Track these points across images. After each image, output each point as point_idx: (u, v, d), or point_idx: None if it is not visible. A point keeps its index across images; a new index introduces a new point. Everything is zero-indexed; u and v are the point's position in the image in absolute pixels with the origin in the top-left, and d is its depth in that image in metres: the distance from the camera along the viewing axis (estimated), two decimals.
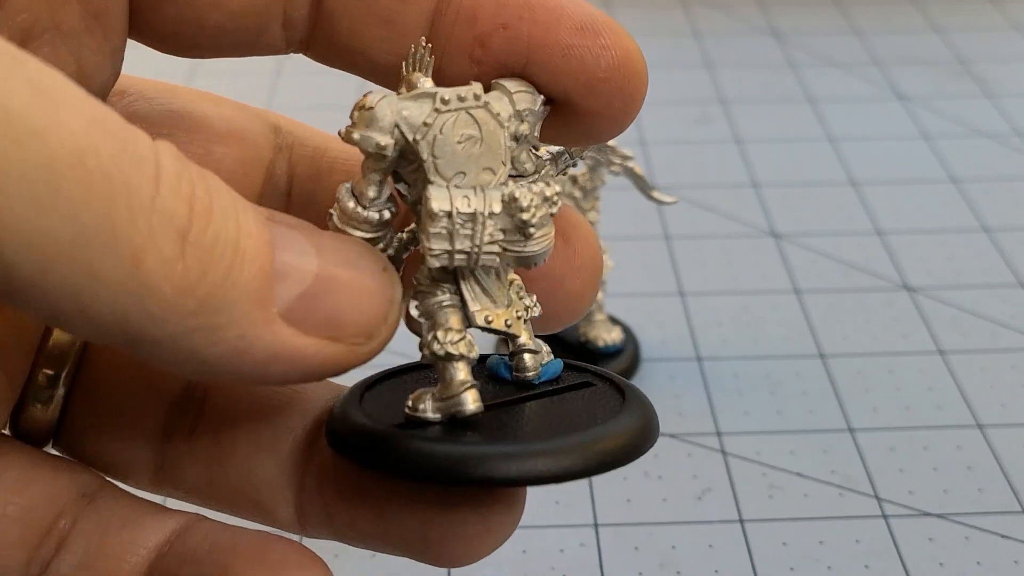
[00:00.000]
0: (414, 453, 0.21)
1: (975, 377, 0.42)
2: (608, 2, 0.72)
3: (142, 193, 0.18)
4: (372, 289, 0.21)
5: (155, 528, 0.24)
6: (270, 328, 0.20)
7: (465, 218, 0.21)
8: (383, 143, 0.21)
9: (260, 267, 0.19)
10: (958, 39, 0.67)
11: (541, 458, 0.21)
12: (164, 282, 0.18)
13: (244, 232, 0.19)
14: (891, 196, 0.53)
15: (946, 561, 0.35)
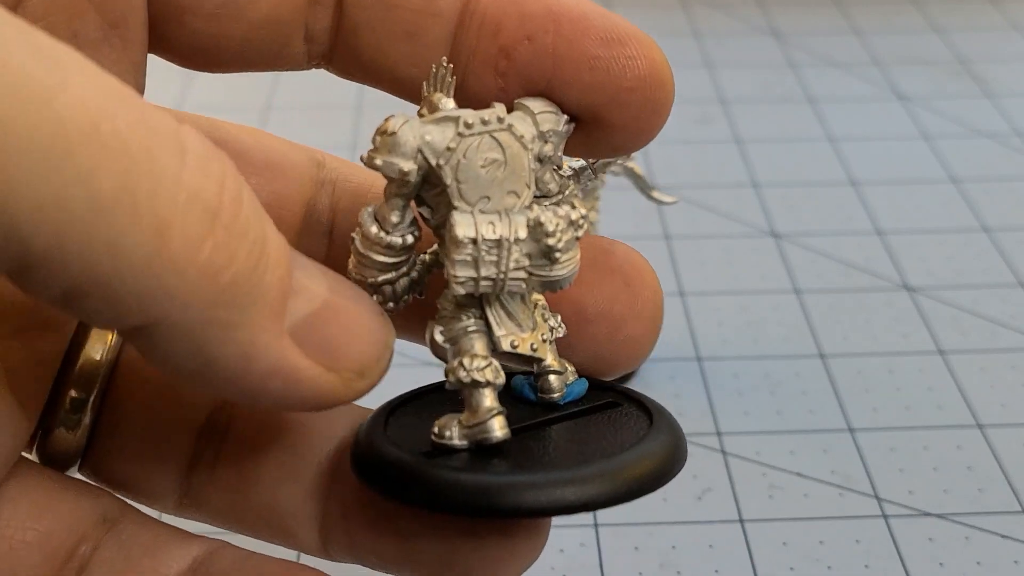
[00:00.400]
0: (440, 484, 0.21)
1: (975, 377, 0.42)
2: (608, 2, 0.72)
3: (165, 165, 0.17)
4: (373, 328, 0.21)
5: (178, 555, 0.24)
6: (278, 341, 0.19)
7: (490, 244, 0.21)
8: (406, 168, 0.21)
9: (281, 275, 0.19)
10: (958, 39, 0.67)
11: (569, 487, 0.21)
12: (190, 262, 0.17)
13: (271, 234, 0.19)
14: (891, 196, 0.53)
15: (946, 561, 0.35)
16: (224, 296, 0.18)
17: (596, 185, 0.40)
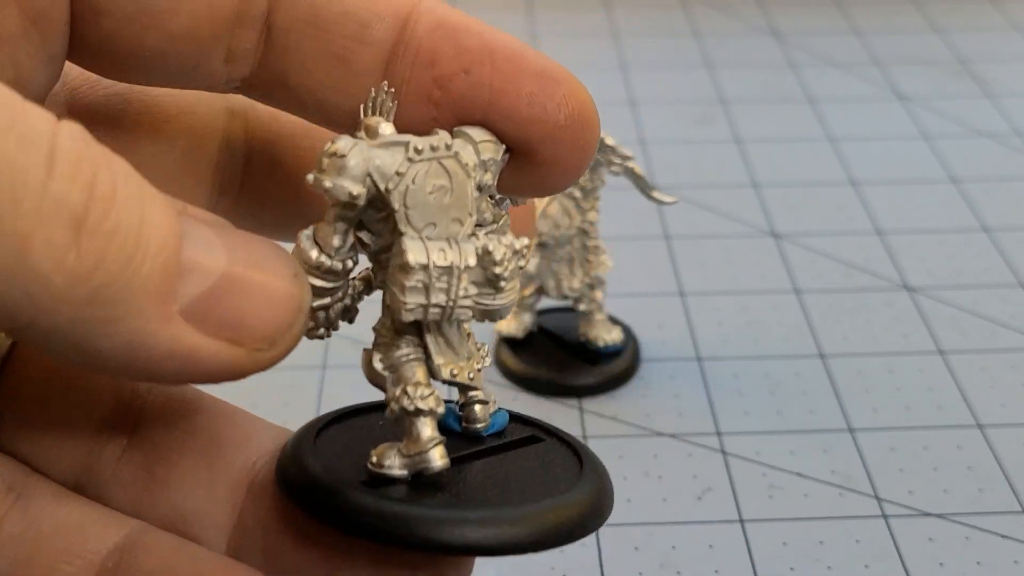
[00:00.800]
0: (368, 513, 0.21)
1: (975, 377, 0.42)
2: (608, 3, 0.72)
3: (30, 176, 0.17)
4: (280, 295, 0.21)
5: (96, 537, 0.22)
6: (167, 325, 0.19)
7: (441, 271, 0.21)
8: (356, 192, 0.20)
9: (164, 261, 0.19)
10: (958, 39, 0.67)
11: (499, 527, 0.21)
12: (54, 271, 0.17)
13: (149, 222, 0.19)
14: (891, 196, 0.53)
15: (946, 561, 0.35)
16: (96, 296, 0.18)
17: (596, 185, 0.40)
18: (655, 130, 0.58)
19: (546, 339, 0.43)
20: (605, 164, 0.39)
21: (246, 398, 0.42)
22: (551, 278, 0.41)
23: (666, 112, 0.60)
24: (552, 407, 0.40)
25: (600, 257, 0.41)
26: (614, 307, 0.44)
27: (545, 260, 0.41)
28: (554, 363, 0.42)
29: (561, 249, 0.40)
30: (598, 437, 0.39)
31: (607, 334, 0.42)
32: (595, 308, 0.42)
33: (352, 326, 0.24)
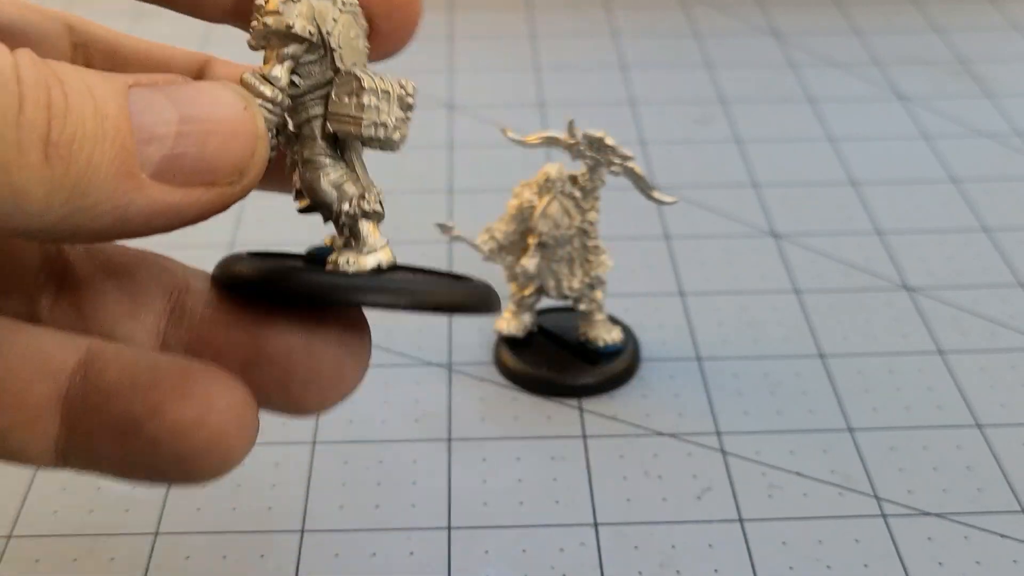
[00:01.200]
0: (318, 283, 0.24)
1: (975, 377, 0.42)
2: (608, 3, 0.72)
3: (7, 113, 0.20)
4: (235, 130, 0.23)
5: (59, 357, 0.24)
6: (142, 193, 0.21)
7: (383, 95, 0.25)
8: (312, 30, 0.24)
9: (120, 144, 0.21)
10: (958, 39, 0.67)
11: (418, 294, 0.25)
12: (36, 186, 0.20)
13: (101, 115, 0.21)
14: (891, 196, 0.53)
15: (945, 560, 0.35)
16: (74, 192, 0.21)
17: (596, 185, 0.40)
18: (655, 130, 0.58)
19: (546, 339, 0.43)
20: (605, 164, 0.39)
21: None
22: (551, 278, 0.41)
23: (666, 112, 0.60)
24: (552, 407, 0.40)
25: (600, 257, 0.41)
26: (614, 307, 0.44)
27: (545, 260, 0.41)
28: (554, 363, 0.42)
29: (561, 249, 0.40)
30: (598, 437, 0.39)
31: (607, 334, 0.42)
32: (595, 308, 0.42)
33: None
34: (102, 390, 0.24)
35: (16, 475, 0.38)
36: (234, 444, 0.23)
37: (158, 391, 0.23)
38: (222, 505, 0.36)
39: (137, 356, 0.24)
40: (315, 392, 0.25)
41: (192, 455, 0.23)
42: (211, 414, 0.23)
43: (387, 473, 0.38)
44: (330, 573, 0.34)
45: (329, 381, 0.25)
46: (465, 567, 0.34)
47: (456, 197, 0.53)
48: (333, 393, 0.25)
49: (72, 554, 0.35)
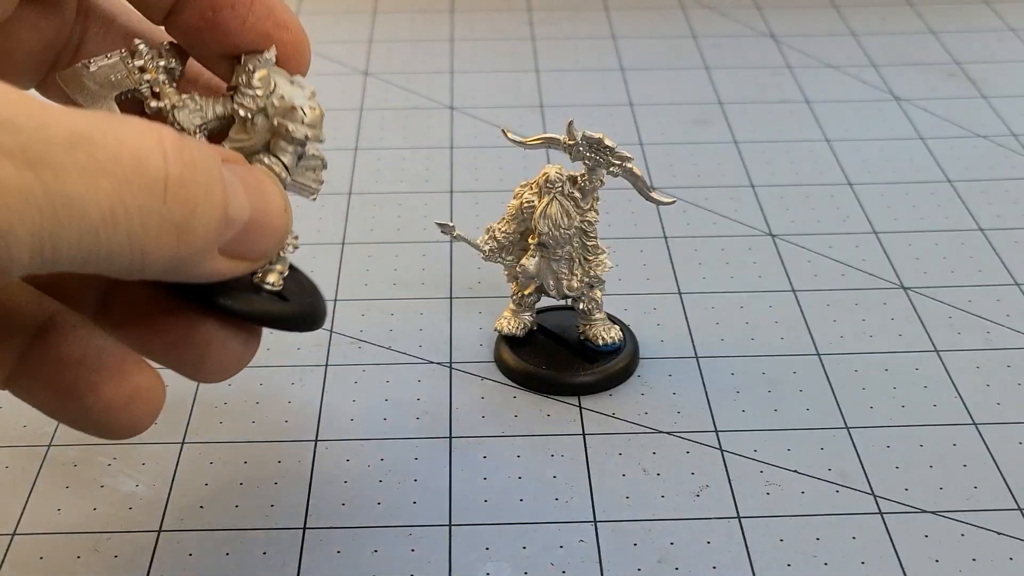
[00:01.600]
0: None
1: (970, 375, 0.42)
2: (607, 5, 0.72)
3: (152, 210, 0.26)
4: (277, 229, 0.30)
5: (30, 312, 0.29)
6: (211, 263, 0.28)
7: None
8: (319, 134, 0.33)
9: (217, 231, 0.27)
10: (953, 41, 0.68)
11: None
12: (161, 263, 0.26)
13: (215, 205, 0.27)
14: (887, 196, 0.53)
15: (941, 557, 0.35)
16: (181, 263, 0.27)
17: (595, 186, 0.40)
18: (654, 131, 0.58)
19: (545, 337, 0.43)
20: (604, 165, 0.39)
21: (252, 397, 0.42)
22: (551, 278, 0.41)
23: (664, 113, 0.60)
24: (552, 405, 0.41)
25: (599, 257, 0.41)
26: (613, 306, 0.44)
27: (545, 260, 0.41)
28: (553, 361, 0.42)
29: (561, 249, 0.41)
30: (597, 434, 0.39)
31: (606, 333, 0.42)
32: (594, 307, 0.42)
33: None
34: (55, 359, 0.29)
35: (20, 474, 0.38)
36: (145, 421, 0.29)
37: (100, 373, 0.29)
38: (225, 502, 0.37)
39: (90, 336, 0.29)
40: (216, 372, 0.31)
41: (112, 425, 0.29)
42: (135, 399, 0.29)
43: (388, 470, 0.38)
44: (332, 570, 0.34)
45: (229, 364, 0.31)
46: (466, 564, 0.35)
47: (456, 197, 0.53)
48: (227, 374, 0.31)
49: (75, 552, 0.35)
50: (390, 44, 0.67)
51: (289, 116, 0.33)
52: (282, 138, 0.34)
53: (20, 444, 0.39)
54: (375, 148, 0.57)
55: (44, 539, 0.35)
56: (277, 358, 0.43)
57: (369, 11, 0.71)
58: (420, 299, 0.46)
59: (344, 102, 0.60)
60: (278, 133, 0.34)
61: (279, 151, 0.33)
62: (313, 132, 0.33)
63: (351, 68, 0.64)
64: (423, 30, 0.69)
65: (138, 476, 0.38)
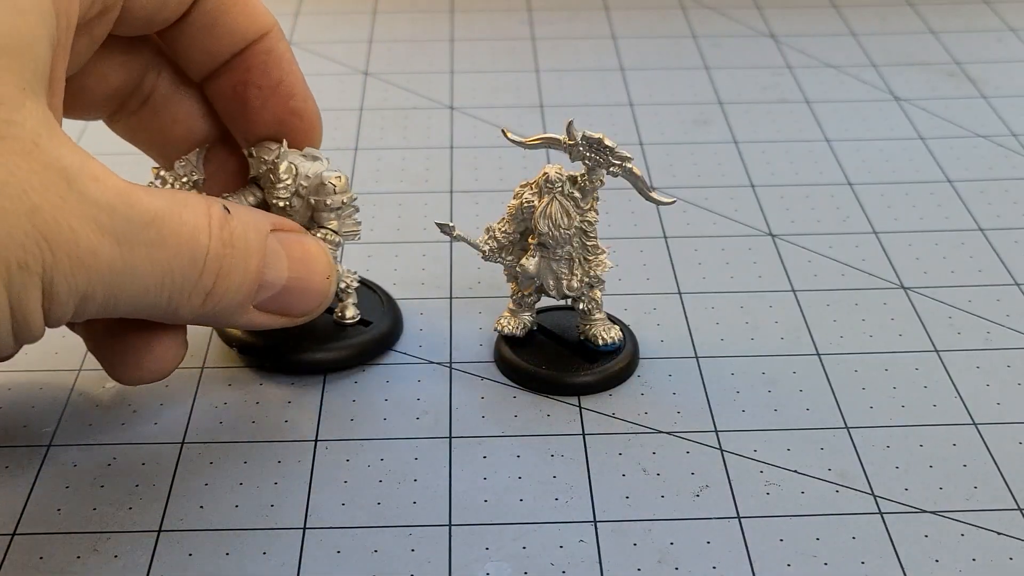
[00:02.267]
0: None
1: (970, 375, 0.42)
2: (607, 4, 0.72)
3: (189, 277, 0.32)
4: (315, 292, 0.36)
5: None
6: (247, 317, 0.35)
7: None
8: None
9: (248, 291, 0.34)
10: (953, 41, 0.68)
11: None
12: (188, 316, 0.33)
13: (247, 271, 0.34)
14: (887, 196, 0.53)
15: (941, 557, 0.35)
16: (210, 318, 0.34)
17: (595, 186, 0.40)
18: (653, 131, 0.58)
19: (545, 337, 0.43)
20: (604, 165, 0.39)
21: (252, 397, 0.42)
22: (551, 278, 0.41)
23: (664, 113, 0.60)
24: (551, 405, 0.41)
25: (599, 257, 0.41)
26: (613, 306, 0.44)
27: (545, 260, 0.41)
28: (553, 361, 0.42)
29: (561, 249, 0.41)
30: (597, 434, 0.39)
31: (606, 332, 0.42)
32: (594, 307, 0.42)
33: None
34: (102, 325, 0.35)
35: (20, 473, 0.38)
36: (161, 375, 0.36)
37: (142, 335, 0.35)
38: (225, 503, 0.37)
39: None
40: (151, 372, 0.36)
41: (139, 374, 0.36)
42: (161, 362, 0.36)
43: (388, 470, 0.38)
44: (332, 570, 0.34)
45: (159, 365, 0.36)
46: (465, 564, 0.35)
47: (456, 197, 0.53)
48: (156, 375, 0.36)
49: (75, 552, 0.35)
50: (390, 44, 0.67)
51: (321, 192, 0.39)
52: (322, 211, 0.39)
53: (20, 444, 0.39)
54: (375, 148, 0.57)
55: (44, 539, 0.35)
56: None
57: (369, 11, 0.71)
58: (420, 299, 0.46)
59: (344, 102, 0.60)
60: (317, 208, 0.39)
61: (324, 221, 0.39)
62: (347, 197, 0.39)
63: (351, 68, 0.64)
64: (423, 30, 0.69)
65: (138, 476, 0.38)
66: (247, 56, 0.38)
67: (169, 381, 0.41)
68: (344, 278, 0.42)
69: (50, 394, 0.41)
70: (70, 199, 0.28)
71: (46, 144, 0.28)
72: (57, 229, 0.28)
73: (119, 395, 0.41)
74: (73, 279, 0.29)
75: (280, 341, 0.41)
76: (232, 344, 0.42)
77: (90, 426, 0.40)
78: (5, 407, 0.41)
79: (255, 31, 0.38)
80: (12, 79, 0.28)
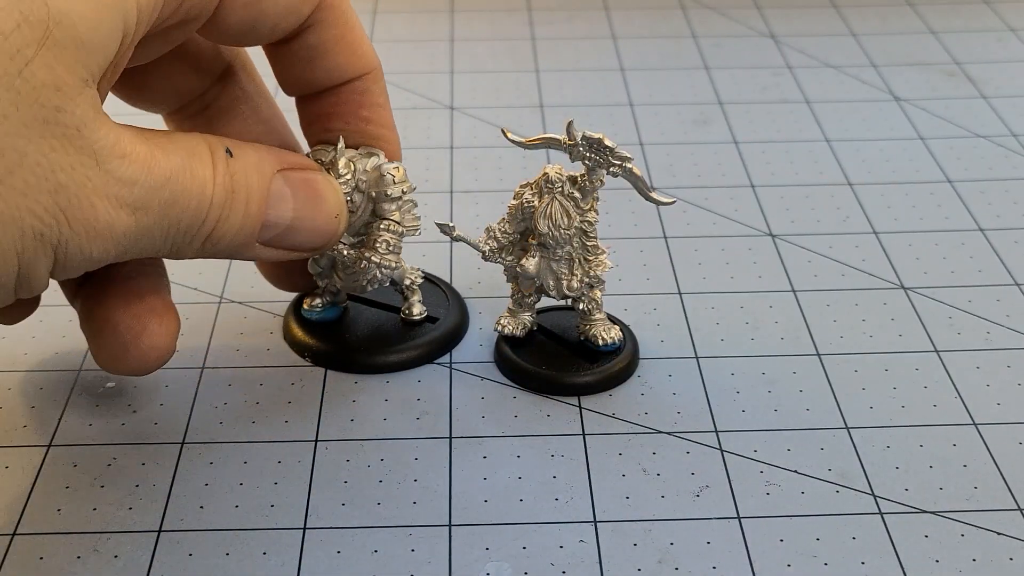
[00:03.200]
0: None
1: (970, 375, 0.42)
2: (607, 5, 0.72)
3: (192, 227, 0.33)
4: (323, 231, 0.37)
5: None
6: (252, 251, 0.35)
7: None
8: None
9: (251, 231, 0.35)
10: (953, 41, 0.68)
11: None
12: (188, 255, 0.34)
13: (247, 215, 0.34)
14: (887, 196, 0.53)
15: (941, 558, 0.35)
16: (211, 255, 0.35)
17: (595, 186, 0.40)
18: (653, 131, 0.58)
19: (545, 337, 0.43)
20: (604, 165, 0.39)
21: (252, 397, 0.42)
22: (551, 278, 0.41)
23: (664, 113, 0.60)
24: (551, 405, 0.41)
25: (599, 257, 0.41)
26: (613, 306, 0.44)
27: (545, 260, 0.41)
28: (553, 361, 0.42)
29: (561, 249, 0.41)
30: (597, 435, 0.39)
31: (606, 333, 0.42)
32: (594, 307, 0.42)
33: None
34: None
35: (21, 473, 0.38)
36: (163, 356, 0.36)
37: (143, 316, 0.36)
38: (225, 503, 0.37)
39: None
40: (141, 362, 0.36)
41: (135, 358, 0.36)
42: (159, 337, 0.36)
43: (388, 471, 0.38)
44: (332, 570, 0.34)
45: (156, 356, 0.36)
46: (466, 564, 0.35)
47: (456, 197, 0.53)
48: (151, 363, 0.36)
49: (75, 552, 0.35)
50: (390, 44, 0.67)
51: (381, 184, 0.39)
52: (383, 202, 0.39)
53: (20, 444, 0.39)
54: None
55: (44, 539, 0.35)
56: (277, 359, 0.43)
57: (369, 11, 0.71)
58: None
59: None
60: (378, 200, 0.39)
61: (386, 213, 0.40)
62: (407, 186, 0.39)
63: None
64: (423, 30, 0.69)
65: (138, 476, 0.38)
66: (341, 91, 0.38)
67: (169, 381, 0.41)
68: (409, 275, 0.43)
69: (50, 394, 0.41)
70: (96, 179, 0.30)
71: (88, 130, 0.30)
72: (79, 205, 0.30)
73: (119, 395, 0.41)
74: (88, 248, 0.30)
75: (349, 344, 0.42)
76: (304, 354, 0.42)
77: (90, 426, 0.40)
78: (5, 407, 0.41)
79: (354, 71, 0.38)
80: (80, 71, 0.29)
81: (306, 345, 0.42)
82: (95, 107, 0.30)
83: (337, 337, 0.42)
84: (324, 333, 0.43)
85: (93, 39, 0.29)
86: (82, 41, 0.29)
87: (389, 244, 0.40)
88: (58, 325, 0.43)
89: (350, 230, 0.40)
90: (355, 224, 0.40)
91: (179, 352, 0.43)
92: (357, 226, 0.40)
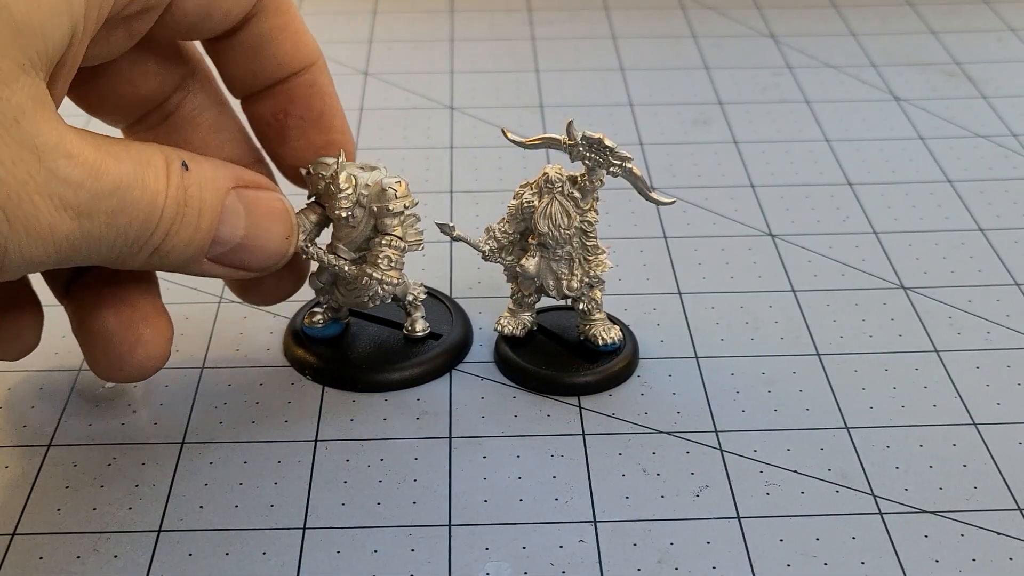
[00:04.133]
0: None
1: (970, 375, 0.42)
2: (607, 5, 0.72)
3: (141, 237, 0.32)
4: (272, 251, 0.36)
5: None
6: (200, 267, 0.35)
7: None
8: None
9: (200, 247, 0.34)
10: (953, 41, 0.68)
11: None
12: (136, 265, 0.33)
13: (197, 230, 0.33)
14: (887, 196, 0.53)
15: (941, 558, 0.35)
16: (158, 266, 0.34)
17: (595, 186, 0.40)
18: (653, 131, 0.58)
19: (545, 337, 0.43)
20: (604, 165, 0.39)
21: (252, 397, 0.42)
22: (551, 278, 0.41)
23: (664, 113, 0.60)
24: (551, 405, 0.41)
25: (599, 257, 0.41)
26: (613, 306, 0.44)
27: (545, 260, 0.41)
28: (553, 361, 0.42)
29: (561, 249, 0.41)
30: (597, 435, 0.39)
31: (606, 333, 0.42)
32: (594, 307, 0.42)
33: None
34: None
35: (20, 473, 0.38)
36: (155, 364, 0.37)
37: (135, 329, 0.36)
38: (225, 503, 0.37)
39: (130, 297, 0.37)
40: (139, 368, 0.36)
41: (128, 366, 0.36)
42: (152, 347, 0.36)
43: (388, 471, 0.38)
44: (332, 570, 0.34)
45: (152, 361, 0.36)
46: (465, 564, 0.35)
47: (456, 197, 0.53)
48: (145, 372, 0.37)
49: (75, 552, 0.35)
50: (390, 44, 0.67)
51: (383, 198, 0.38)
52: (385, 217, 0.39)
53: (20, 444, 0.39)
54: (375, 148, 0.57)
55: (44, 539, 0.35)
56: (277, 358, 0.43)
57: (369, 11, 0.71)
58: None
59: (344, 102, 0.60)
60: (380, 215, 0.39)
61: (388, 228, 0.39)
62: (409, 201, 0.39)
63: (351, 68, 0.64)
64: (423, 30, 0.69)
65: (138, 476, 0.38)
66: (290, 86, 0.38)
67: (169, 381, 0.41)
68: (411, 290, 0.42)
69: (50, 394, 0.41)
70: (38, 176, 0.28)
71: (27, 121, 0.28)
72: (19, 203, 0.28)
73: (119, 396, 0.41)
74: (28, 250, 0.29)
75: (351, 361, 0.41)
76: (304, 372, 0.42)
77: (90, 426, 0.40)
78: (5, 407, 0.41)
79: (300, 62, 0.38)
80: (15, 55, 0.28)
81: (307, 362, 0.42)
82: (35, 98, 0.29)
83: (339, 354, 0.42)
84: (325, 350, 0.42)
85: (30, 22, 0.28)
86: (17, 24, 0.28)
87: (391, 260, 0.39)
88: (58, 325, 0.43)
89: (351, 245, 0.39)
90: (356, 239, 0.39)
91: (179, 352, 0.43)
92: (359, 241, 0.39)
